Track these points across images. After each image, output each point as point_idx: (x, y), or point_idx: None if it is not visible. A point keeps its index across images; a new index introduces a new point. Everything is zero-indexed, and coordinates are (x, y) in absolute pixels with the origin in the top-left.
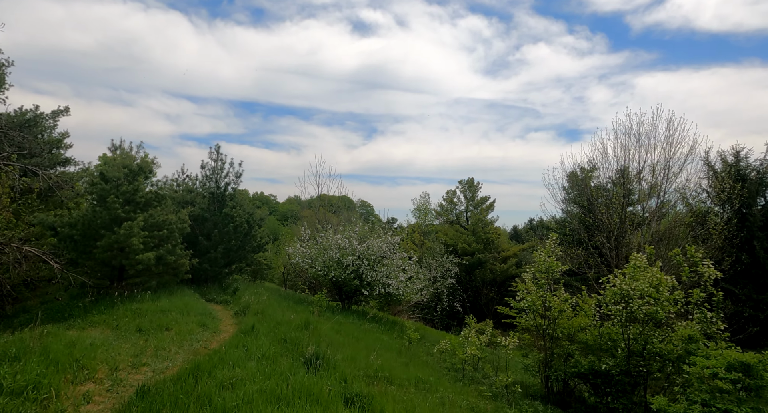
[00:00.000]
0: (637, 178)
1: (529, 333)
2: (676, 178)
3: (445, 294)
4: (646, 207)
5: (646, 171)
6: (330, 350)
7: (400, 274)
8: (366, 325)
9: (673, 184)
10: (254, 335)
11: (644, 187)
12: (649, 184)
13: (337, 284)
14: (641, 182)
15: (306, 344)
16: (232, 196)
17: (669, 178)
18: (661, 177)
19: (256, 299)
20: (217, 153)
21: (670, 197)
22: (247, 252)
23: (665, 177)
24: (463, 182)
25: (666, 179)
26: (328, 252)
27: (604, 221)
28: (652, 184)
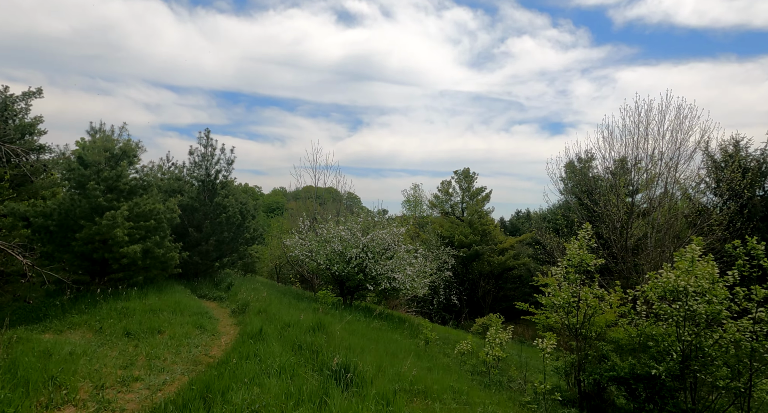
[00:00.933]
0: (644, 167)
1: (554, 332)
2: (687, 167)
3: (442, 287)
4: (654, 197)
5: (654, 158)
6: (354, 358)
7: (407, 268)
8: (374, 323)
9: (681, 173)
10: (263, 340)
11: (649, 175)
12: (654, 173)
13: (339, 279)
14: (647, 171)
15: (325, 351)
16: (224, 184)
17: (678, 166)
18: (669, 165)
19: (255, 296)
20: (207, 138)
21: (671, 187)
22: (240, 244)
23: (674, 166)
24: (458, 172)
25: (675, 168)
26: (331, 244)
27: (611, 211)
28: (659, 172)
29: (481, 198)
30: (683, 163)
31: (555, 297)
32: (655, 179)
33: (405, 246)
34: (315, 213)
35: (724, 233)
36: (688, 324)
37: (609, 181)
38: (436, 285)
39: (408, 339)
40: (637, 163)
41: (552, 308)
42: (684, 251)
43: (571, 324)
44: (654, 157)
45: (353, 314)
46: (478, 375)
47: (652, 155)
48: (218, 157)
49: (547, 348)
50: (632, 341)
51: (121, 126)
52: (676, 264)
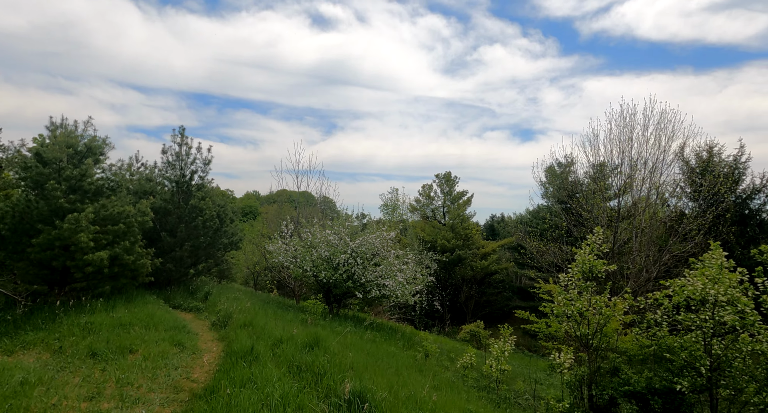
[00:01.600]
0: (626, 172)
1: (557, 341)
2: (670, 171)
3: (425, 293)
4: (639, 201)
5: (638, 163)
6: (366, 382)
7: (397, 274)
8: (366, 334)
9: (666, 176)
10: (256, 361)
11: (635, 179)
12: (639, 177)
13: (325, 286)
14: (632, 175)
15: (330, 373)
16: (200, 185)
17: (664, 170)
18: (652, 170)
19: (237, 306)
20: (182, 136)
21: (653, 191)
22: (217, 250)
23: (659, 169)
24: (440, 176)
25: (661, 172)
26: (317, 249)
27: (596, 214)
28: (644, 177)
29: (462, 202)
30: (668, 166)
31: (566, 306)
32: (640, 183)
33: (394, 252)
34: (299, 216)
35: (706, 237)
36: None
37: (592, 186)
38: (419, 290)
39: (404, 351)
40: (622, 166)
41: (561, 317)
42: (708, 256)
43: (581, 334)
44: (637, 160)
45: (343, 324)
46: (485, 392)
47: (636, 159)
48: (194, 156)
49: (565, 363)
50: (642, 352)
51: (86, 120)
52: (700, 270)
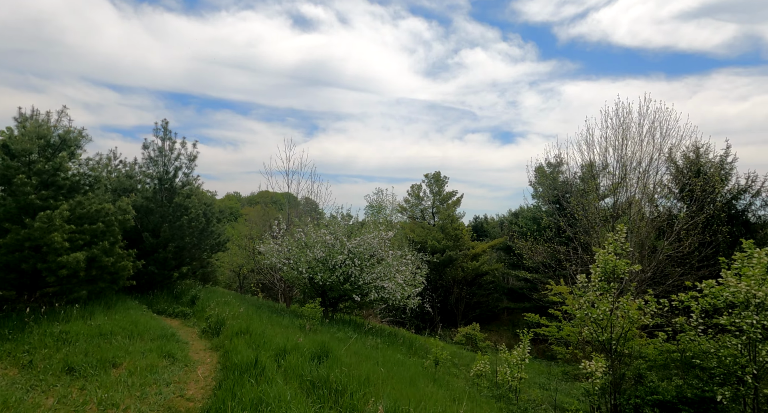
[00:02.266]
0: (618, 173)
1: (569, 346)
2: (663, 169)
3: (415, 294)
4: (633, 199)
5: (632, 162)
6: (389, 398)
7: (397, 276)
8: (369, 340)
9: (660, 176)
10: (262, 375)
11: (630, 179)
12: (634, 177)
13: (321, 289)
14: (627, 173)
15: (350, 391)
16: (185, 183)
17: (658, 168)
18: (646, 168)
19: (229, 311)
20: (165, 130)
21: (647, 191)
22: (203, 251)
23: (655, 168)
24: (429, 176)
25: (656, 169)
26: (313, 250)
27: (590, 214)
28: (638, 175)
29: (452, 202)
30: (663, 164)
31: (587, 309)
32: (635, 181)
33: (392, 252)
34: (290, 216)
35: (699, 237)
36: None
37: (591, 184)
38: (419, 293)
39: (409, 357)
40: (616, 164)
41: (582, 321)
42: (741, 256)
43: (604, 339)
44: (632, 159)
45: (342, 330)
46: (503, 402)
47: (631, 157)
48: (178, 151)
49: (597, 372)
50: (663, 357)
51: (60, 110)
52: (743, 271)
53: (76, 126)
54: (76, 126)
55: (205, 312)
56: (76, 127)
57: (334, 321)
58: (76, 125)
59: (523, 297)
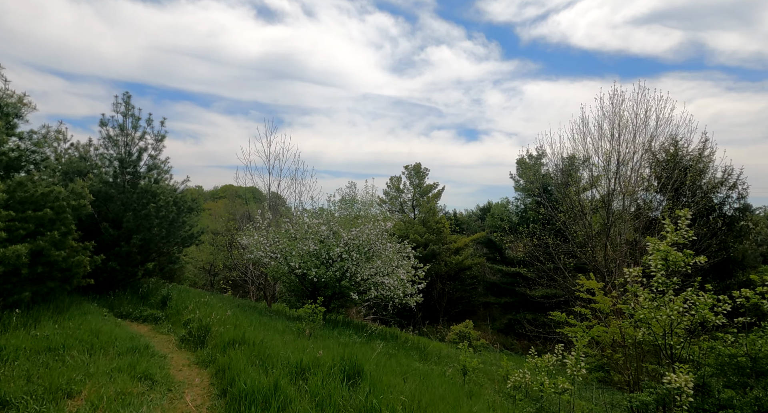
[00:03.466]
0: (605, 167)
1: (612, 350)
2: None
3: (417, 291)
4: (626, 188)
5: (629, 152)
6: None
7: (398, 270)
8: (378, 346)
9: (646, 170)
10: (286, 408)
11: (627, 174)
12: (630, 166)
13: (313, 286)
14: (620, 167)
15: None
16: (152, 166)
17: (648, 161)
18: (639, 159)
19: (213, 314)
20: (127, 105)
21: (634, 181)
22: (173, 245)
23: (648, 163)
24: (409, 167)
25: (649, 162)
26: (305, 242)
27: (584, 204)
28: (632, 166)
29: (432, 195)
30: (647, 159)
31: (649, 309)
32: (629, 172)
33: (391, 244)
34: (277, 205)
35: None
36: None
37: (572, 178)
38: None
39: (427, 365)
40: (611, 154)
41: (642, 322)
42: None
43: (663, 343)
44: (627, 149)
45: (343, 334)
46: None
47: (626, 149)
48: (143, 129)
49: (686, 387)
50: (718, 361)
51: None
52: None
53: (14, 89)
54: (13, 89)
55: (182, 316)
56: (14, 91)
57: (330, 323)
58: (15, 89)
59: (506, 291)
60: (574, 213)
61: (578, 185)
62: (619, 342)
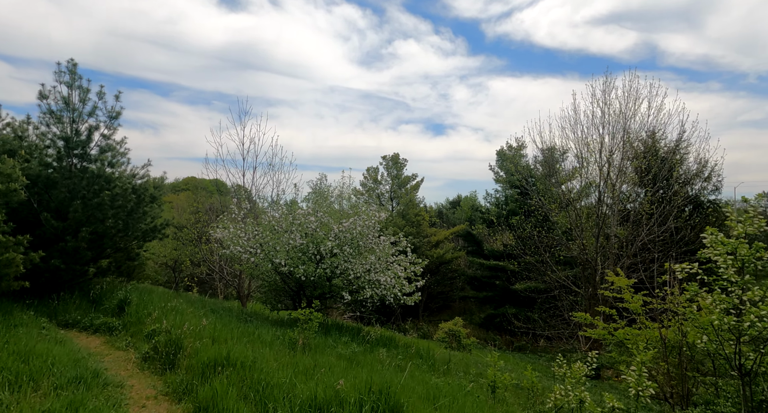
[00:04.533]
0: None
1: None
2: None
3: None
4: (620, 190)
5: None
6: None
7: (395, 267)
8: (382, 355)
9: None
10: None
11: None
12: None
13: (298, 285)
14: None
15: None
16: (104, 147)
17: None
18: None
19: (187, 325)
20: (72, 74)
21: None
22: (132, 239)
23: (632, 154)
24: (386, 158)
25: (629, 158)
26: (292, 235)
27: (574, 196)
28: (623, 155)
29: (411, 186)
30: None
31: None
32: (618, 162)
33: (384, 238)
34: (253, 195)
35: (674, 222)
36: None
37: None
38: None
39: (445, 378)
40: (602, 144)
41: (707, 329)
42: None
43: (729, 353)
44: (620, 141)
45: (339, 341)
46: None
47: (618, 141)
48: (93, 103)
49: None
50: None
51: None
52: None
53: None
54: None
55: (144, 325)
56: None
57: (326, 329)
58: None
59: (486, 285)
60: (564, 203)
61: (562, 175)
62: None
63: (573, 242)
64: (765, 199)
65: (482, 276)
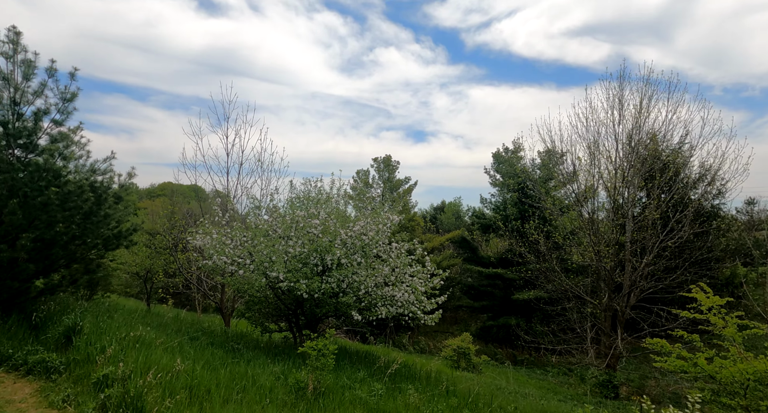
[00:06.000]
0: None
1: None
2: None
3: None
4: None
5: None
6: None
7: (414, 280)
8: (409, 395)
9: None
10: None
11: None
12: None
13: (296, 302)
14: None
15: None
16: (56, 136)
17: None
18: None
19: (155, 369)
20: (14, 44)
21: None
22: (91, 247)
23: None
24: (378, 160)
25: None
26: (295, 242)
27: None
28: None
29: (404, 190)
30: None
31: None
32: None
33: (396, 244)
34: (242, 195)
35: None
36: None
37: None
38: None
39: None
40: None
41: None
42: None
43: None
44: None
45: (354, 375)
46: None
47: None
48: (42, 82)
49: None
50: None
51: None
52: None
53: None
54: None
55: (95, 366)
56: None
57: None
58: None
59: (484, 294)
60: (578, 205)
61: (569, 177)
62: None
63: (577, 247)
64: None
65: (479, 285)
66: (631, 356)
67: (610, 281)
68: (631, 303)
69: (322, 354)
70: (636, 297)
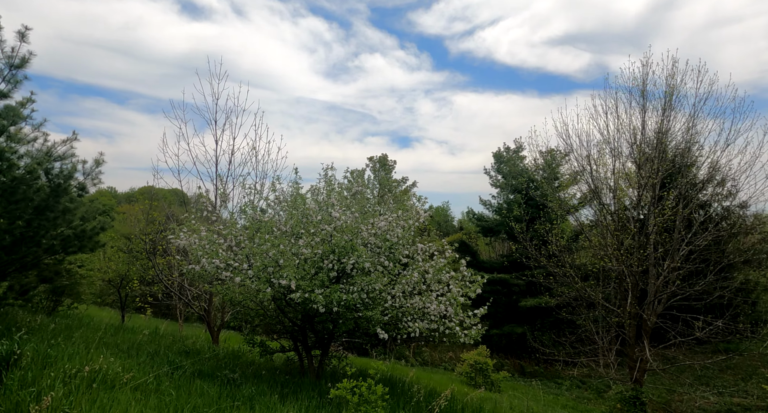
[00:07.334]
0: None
1: None
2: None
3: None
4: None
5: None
6: None
7: (451, 289)
8: None
9: None
10: None
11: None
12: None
13: (308, 318)
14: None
15: None
16: (1, 111)
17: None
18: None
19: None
20: None
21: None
22: (45, 250)
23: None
24: (374, 159)
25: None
26: (312, 239)
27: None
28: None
29: (401, 191)
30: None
31: None
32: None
33: (422, 246)
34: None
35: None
36: None
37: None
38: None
39: None
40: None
41: None
42: None
43: None
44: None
45: None
46: None
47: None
48: None
49: None
50: None
51: None
52: None
53: None
54: None
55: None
56: None
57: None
58: None
59: (486, 301)
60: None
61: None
62: None
63: (597, 250)
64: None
65: (482, 292)
66: (660, 369)
67: (636, 286)
68: (657, 311)
69: (365, 401)
70: (663, 304)
